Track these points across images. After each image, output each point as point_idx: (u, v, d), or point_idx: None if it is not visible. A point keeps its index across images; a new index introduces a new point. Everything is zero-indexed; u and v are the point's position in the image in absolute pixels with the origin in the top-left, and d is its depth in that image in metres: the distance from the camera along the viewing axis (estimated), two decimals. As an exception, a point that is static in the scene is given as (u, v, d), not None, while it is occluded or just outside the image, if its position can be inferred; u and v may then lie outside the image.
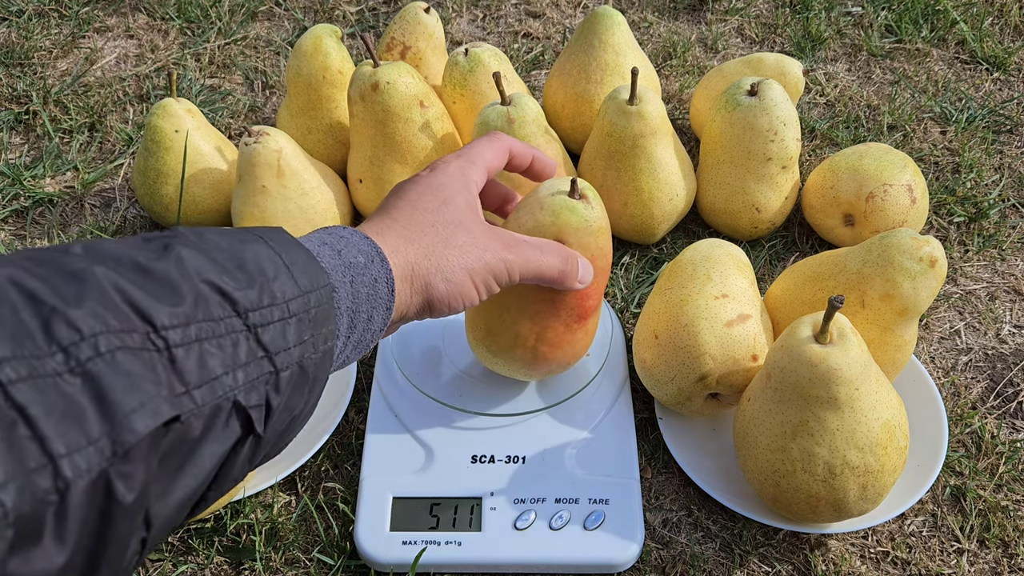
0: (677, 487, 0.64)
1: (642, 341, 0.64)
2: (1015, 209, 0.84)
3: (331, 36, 0.80)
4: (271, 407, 0.35)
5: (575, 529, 0.59)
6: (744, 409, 0.58)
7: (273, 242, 0.38)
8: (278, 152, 0.72)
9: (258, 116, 0.95)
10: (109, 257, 0.32)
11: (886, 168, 0.74)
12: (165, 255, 0.34)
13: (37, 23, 1.06)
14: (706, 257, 0.63)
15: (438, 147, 0.77)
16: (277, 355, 0.35)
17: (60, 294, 0.30)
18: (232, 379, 0.33)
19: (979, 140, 0.90)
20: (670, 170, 0.75)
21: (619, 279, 0.78)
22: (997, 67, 0.99)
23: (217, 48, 1.03)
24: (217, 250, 0.35)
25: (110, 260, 0.32)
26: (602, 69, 0.81)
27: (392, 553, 0.58)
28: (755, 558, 0.60)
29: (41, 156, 0.90)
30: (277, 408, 0.36)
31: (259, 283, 0.35)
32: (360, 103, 0.74)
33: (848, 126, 0.92)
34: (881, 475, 0.54)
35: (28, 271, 0.30)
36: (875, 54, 1.01)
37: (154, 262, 0.33)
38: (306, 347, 0.37)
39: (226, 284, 0.34)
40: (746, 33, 1.05)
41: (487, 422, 0.64)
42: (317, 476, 0.64)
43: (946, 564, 0.60)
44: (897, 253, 0.58)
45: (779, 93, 0.73)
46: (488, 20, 1.08)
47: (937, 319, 0.75)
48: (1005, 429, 0.67)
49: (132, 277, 0.32)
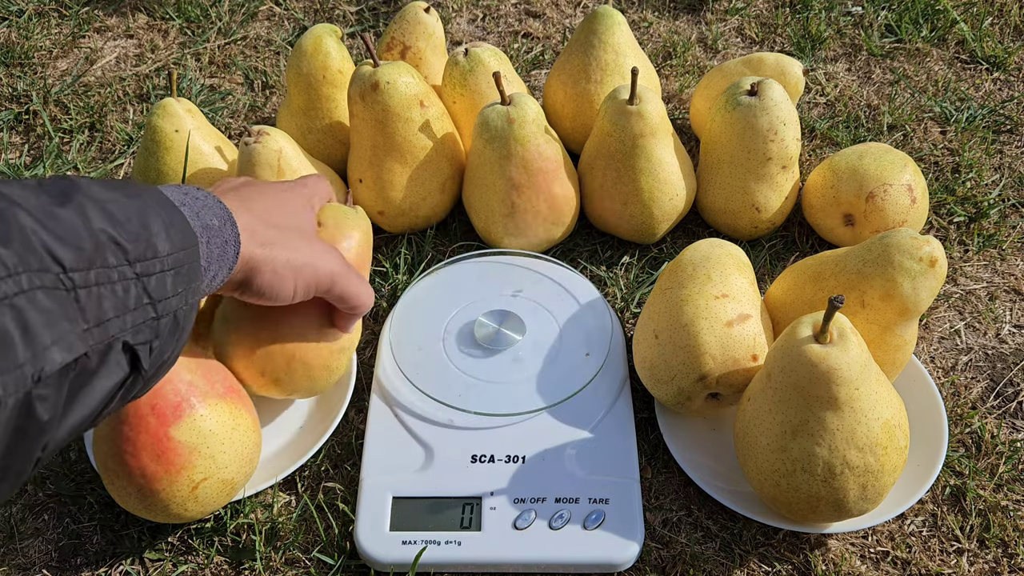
0: (677, 487, 0.64)
1: (642, 341, 0.64)
2: (1015, 209, 0.84)
3: (331, 36, 0.80)
4: (152, 349, 0.39)
5: (575, 529, 0.59)
6: (744, 409, 0.58)
7: (154, 201, 0.42)
8: (278, 152, 0.72)
9: (258, 116, 0.95)
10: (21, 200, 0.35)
11: (886, 168, 0.74)
12: (68, 201, 0.37)
13: (37, 23, 1.06)
14: (706, 257, 0.63)
15: (438, 147, 0.77)
16: (159, 303, 0.39)
17: None
18: (122, 321, 0.37)
19: (979, 140, 0.90)
20: (670, 170, 0.75)
21: (619, 279, 0.78)
22: (997, 67, 0.99)
23: (217, 48, 1.03)
24: (112, 202, 0.39)
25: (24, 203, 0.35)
26: (602, 69, 0.81)
27: (392, 553, 0.58)
28: (755, 558, 0.60)
29: (41, 156, 0.90)
30: (155, 351, 0.40)
31: (144, 237, 0.39)
32: (360, 103, 0.74)
33: (848, 126, 0.92)
34: (881, 475, 0.54)
35: None
36: (875, 54, 1.01)
37: (59, 207, 0.36)
38: (180, 299, 0.41)
39: (119, 235, 0.38)
40: (746, 33, 1.05)
41: (487, 422, 0.64)
42: (317, 476, 0.64)
43: (946, 564, 0.60)
44: (897, 253, 0.58)
45: (779, 93, 0.73)
46: (488, 20, 1.08)
47: (937, 319, 0.75)
48: (1005, 429, 0.67)
49: (44, 221, 0.35)
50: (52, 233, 0.35)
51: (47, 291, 0.33)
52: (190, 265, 0.42)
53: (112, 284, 0.37)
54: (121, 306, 0.37)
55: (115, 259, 0.37)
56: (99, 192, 0.39)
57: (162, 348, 0.41)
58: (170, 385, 0.55)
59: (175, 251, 0.41)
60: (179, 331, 0.42)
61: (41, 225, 0.35)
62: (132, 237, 0.38)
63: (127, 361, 0.38)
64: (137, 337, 0.38)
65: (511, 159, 0.73)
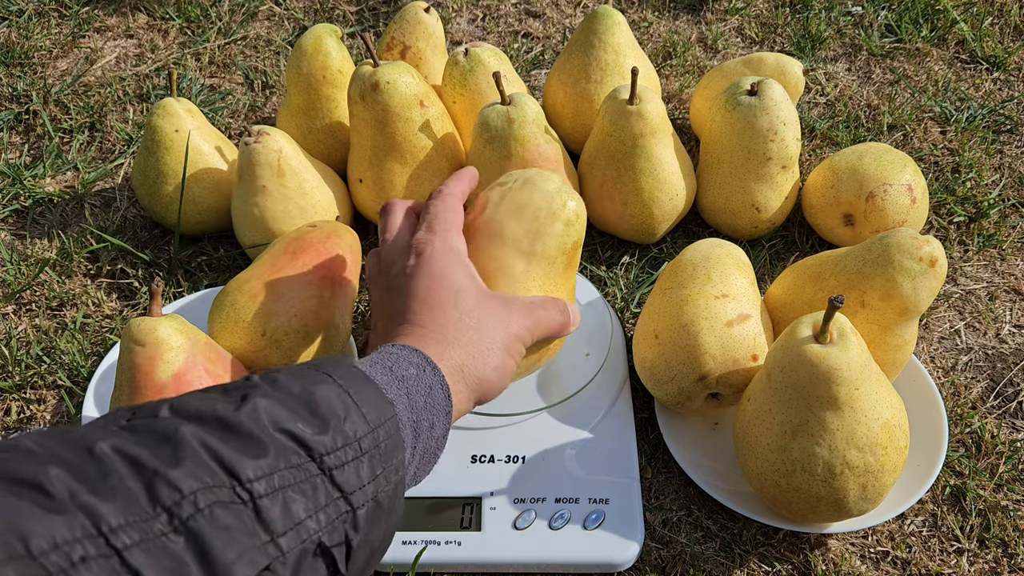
0: (677, 487, 0.64)
1: (642, 341, 0.64)
2: (1015, 209, 0.84)
3: (331, 36, 0.80)
4: (351, 545, 0.37)
5: (575, 529, 0.59)
6: (744, 409, 0.58)
7: (341, 379, 0.40)
8: (278, 152, 0.72)
9: (258, 116, 0.95)
10: (193, 415, 0.35)
11: (886, 168, 0.74)
12: (242, 405, 0.36)
13: (37, 23, 1.06)
14: (706, 257, 0.63)
15: (438, 147, 0.77)
16: (352, 494, 0.37)
17: (158, 456, 0.32)
18: (315, 522, 0.35)
19: (979, 140, 0.90)
20: (670, 170, 0.75)
21: (619, 279, 0.78)
22: (997, 67, 0.99)
23: (217, 48, 1.03)
24: (290, 396, 0.37)
25: (195, 418, 0.35)
26: (602, 69, 0.81)
27: (392, 553, 0.57)
28: (755, 558, 0.60)
29: (41, 156, 0.90)
30: (357, 545, 0.37)
31: (332, 425, 0.37)
32: (360, 103, 0.74)
33: (848, 126, 0.92)
34: (881, 475, 0.54)
35: (128, 440, 0.33)
36: (875, 54, 1.01)
37: (233, 414, 0.35)
38: (379, 481, 0.39)
39: (301, 431, 0.36)
40: (746, 33, 1.05)
41: (487, 422, 0.64)
42: (317, 476, 0.64)
43: (946, 564, 0.60)
44: (897, 253, 0.58)
45: (779, 93, 0.73)
46: (488, 20, 1.08)
47: (937, 319, 0.75)
48: (1005, 429, 0.67)
49: (216, 433, 0.34)
50: (227, 444, 0.34)
51: (224, 506, 0.32)
52: (388, 440, 0.40)
53: (299, 485, 0.35)
54: (311, 507, 0.35)
55: (298, 458, 0.35)
56: (276, 387, 0.38)
57: (368, 538, 0.38)
58: None
59: (370, 431, 0.39)
60: (385, 514, 0.39)
61: (215, 438, 0.34)
62: (315, 430, 0.37)
63: (324, 564, 0.36)
64: (332, 536, 0.36)
65: (511, 159, 0.73)
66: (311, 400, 0.38)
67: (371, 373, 0.43)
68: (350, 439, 0.38)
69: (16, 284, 0.77)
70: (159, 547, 0.30)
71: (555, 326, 0.55)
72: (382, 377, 0.43)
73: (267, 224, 0.74)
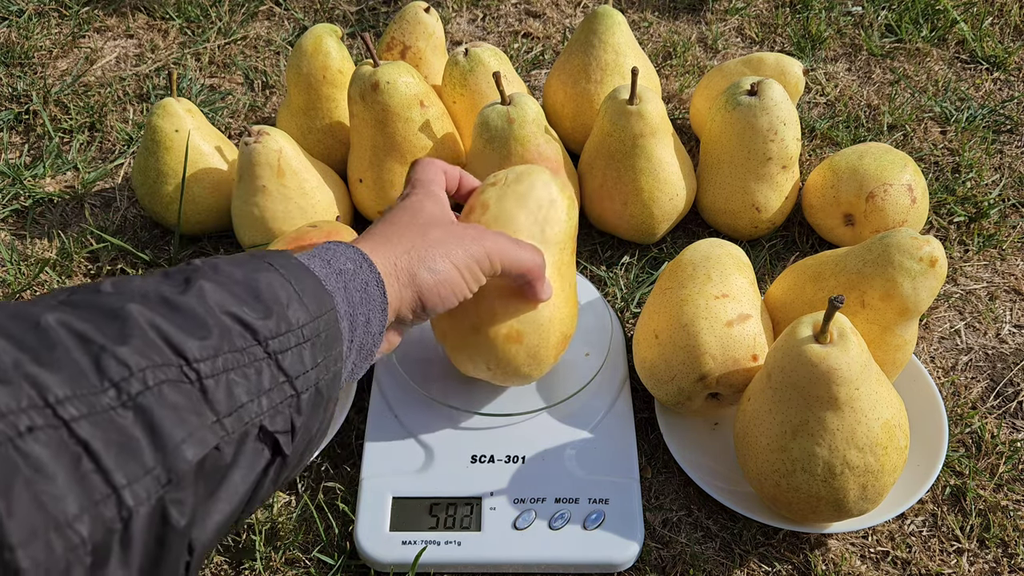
0: (677, 487, 0.64)
1: (642, 341, 0.64)
2: (1015, 209, 0.84)
3: (331, 36, 0.80)
4: (295, 429, 0.37)
5: (575, 529, 0.59)
6: (744, 409, 0.58)
7: (282, 268, 0.40)
8: (278, 152, 0.72)
9: (258, 116, 0.95)
10: (138, 293, 0.34)
11: (886, 168, 0.74)
12: (188, 288, 0.35)
13: (37, 23, 1.06)
14: (706, 257, 0.63)
15: (438, 147, 0.77)
16: (297, 379, 0.37)
17: (105, 333, 0.32)
18: (257, 406, 0.35)
19: (979, 140, 0.90)
20: (670, 170, 0.75)
21: (619, 279, 0.78)
22: (997, 67, 0.99)
23: (217, 48, 1.03)
24: (234, 281, 0.37)
25: (139, 296, 0.34)
26: (602, 69, 0.81)
27: (392, 553, 0.58)
28: (755, 558, 0.60)
29: (41, 156, 0.90)
30: (299, 429, 0.37)
31: (275, 311, 0.37)
32: (360, 103, 0.74)
33: (848, 126, 0.92)
34: (881, 475, 0.54)
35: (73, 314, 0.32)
36: (875, 54, 1.01)
37: (179, 296, 0.35)
38: (320, 369, 0.39)
39: (246, 314, 0.36)
40: (746, 33, 1.05)
41: (487, 422, 0.64)
42: (317, 476, 0.64)
43: (946, 564, 0.60)
44: (897, 253, 0.58)
45: (779, 93, 0.73)
46: (488, 20, 1.08)
47: (937, 319, 0.75)
48: (1005, 429, 0.67)
49: (163, 312, 0.34)
50: (173, 324, 0.33)
51: (172, 384, 0.32)
52: (328, 331, 0.40)
53: (243, 368, 0.35)
54: (254, 390, 0.35)
55: (243, 341, 0.35)
56: (219, 272, 0.37)
57: (307, 424, 0.38)
58: None
59: (311, 319, 0.39)
60: (324, 402, 0.40)
61: (161, 316, 0.33)
62: (260, 314, 0.37)
63: (268, 447, 0.36)
64: (275, 420, 0.36)
65: (511, 159, 0.73)
66: (255, 286, 0.38)
67: (310, 265, 0.43)
68: (293, 326, 0.38)
69: (16, 284, 0.77)
70: (107, 420, 0.30)
71: (527, 263, 0.53)
72: (321, 270, 0.43)
73: (267, 224, 0.74)
